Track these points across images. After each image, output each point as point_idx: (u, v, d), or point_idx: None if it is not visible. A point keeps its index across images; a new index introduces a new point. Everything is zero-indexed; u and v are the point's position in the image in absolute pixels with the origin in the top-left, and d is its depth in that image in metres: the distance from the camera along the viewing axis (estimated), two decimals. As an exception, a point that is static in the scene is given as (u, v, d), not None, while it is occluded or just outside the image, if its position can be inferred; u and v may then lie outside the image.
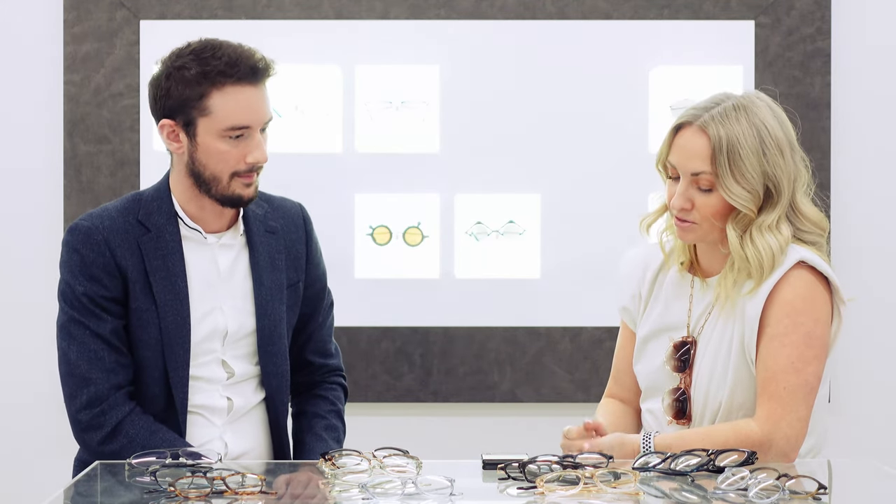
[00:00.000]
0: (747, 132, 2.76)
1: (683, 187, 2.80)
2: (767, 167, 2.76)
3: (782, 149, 2.78)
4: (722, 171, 2.75)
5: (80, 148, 4.19)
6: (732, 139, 2.75)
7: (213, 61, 2.87)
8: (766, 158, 2.76)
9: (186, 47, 2.91)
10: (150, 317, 2.93)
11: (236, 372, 3.00)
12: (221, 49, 2.89)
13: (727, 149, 2.75)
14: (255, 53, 2.91)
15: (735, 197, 2.76)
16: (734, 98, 2.81)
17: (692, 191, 2.80)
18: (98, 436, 2.90)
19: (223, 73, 2.87)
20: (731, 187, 2.76)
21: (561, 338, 4.24)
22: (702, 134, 2.78)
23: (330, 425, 3.09)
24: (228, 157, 2.90)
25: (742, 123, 2.76)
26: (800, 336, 2.76)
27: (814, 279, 2.79)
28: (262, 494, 2.41)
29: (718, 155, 2.75)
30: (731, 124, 2.76)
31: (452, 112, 4.23)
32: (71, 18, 4.18)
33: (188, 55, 2.89)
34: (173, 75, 2.89)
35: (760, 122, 2.77)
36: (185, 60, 2.88)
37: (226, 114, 2.88)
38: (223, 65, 2.87)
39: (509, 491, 2.44)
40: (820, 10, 4.20)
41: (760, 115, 2.78)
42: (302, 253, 3.08)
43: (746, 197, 2.76)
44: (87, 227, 2.93)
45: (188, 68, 2.88)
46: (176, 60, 2.90)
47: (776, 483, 2.37)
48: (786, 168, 2.78)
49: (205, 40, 2.92)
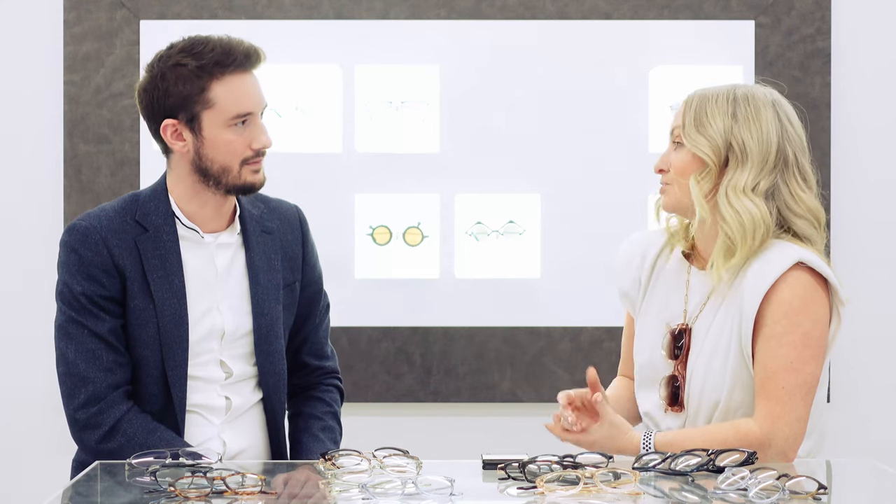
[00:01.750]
0: (722, 94, 2.85)
1: (665, 150, 2.91)
2: (735, 126, 2.83)
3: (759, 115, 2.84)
4: (686, 122, 2.86)
5: (80, 148, 4.19)
6: (705, 96, 2.86)
7: (207, 54, 2.89)
8: (734, 119, 2.83)
9: (172, 48, 2.93)
10: (148, 316, 2.93)
11: (234, 372, 3.00)
12: (211, 41, 2.91)
13: (696, 103, 2.86)
14: (244, 42, 2.94)
15: (695, 144, 2.84)
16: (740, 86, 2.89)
17: (671, 153, 2.89)
18: (96, 435, 2.90)
19: (220, 63, 2.89)
20: (690, 135, 2.84)
21: (561, 338, 4.24)
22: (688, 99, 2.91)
23: (327, 426, 3.10)
24: (236, 146, 2.91)
25: (722, 90, 2.86)
26: (798, 336, 2.77)
27: (812, 280, 2.80)
28: (261, 494, 2.41)
29: (687, 109, 2.86)
30: (712, 90, 2.87)
31: (452, 112, 4.23)
32: (71, 18, 4.18)
33: (179, 53, 2.90)
34: (169, 74, 2.89)
35: (744, 90, 2.86)
36: (179, 58, 2.89)
37: (229, 102, 2.90)
38: (218, 55, 2.89)
39: (509, 491, 2.45)
40: (820, 10, 4.20)
41: (752, 90, 2.86)
42: (298, 254, 3.09)
43: (705, 144, 2.83)
44: (85, 226, 2.94)
45: (184, 64, 2.88)
46: (168, 60, 2.90)
47: (776, 483, 2.37)
48: (758, 134, 2.82)
49: (191, 37, 2.94)
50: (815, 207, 2.86)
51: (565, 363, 4.24)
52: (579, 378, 4.24)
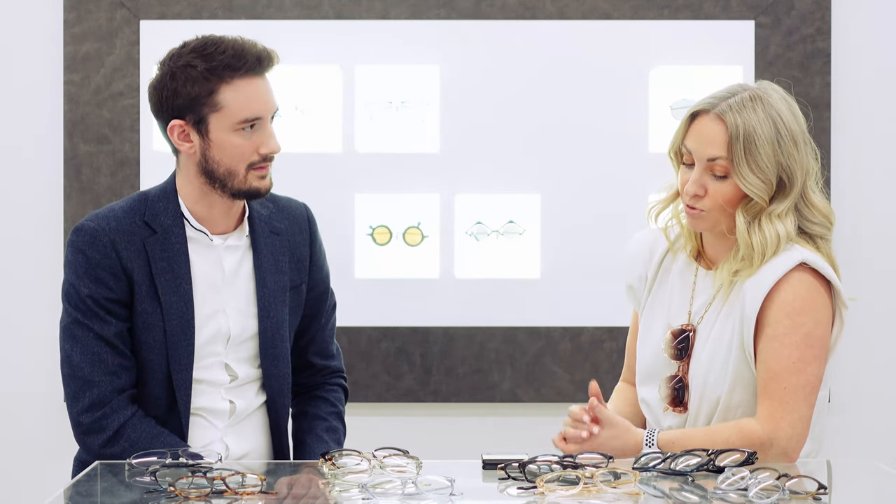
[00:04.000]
0: (764, 122, 2.79)
1: (698, 174, 2.82)
2: (782, 158, 2.79)
3: (796, 140, 2.81)
4: (737, 159, 2.78)
5: (80, 148, 4.19)
6: (749, 128, 2.78)
7: (218, 56, 2.85)
8: (780, 149, 2.79)
9: (185, 46, 2.89)
10: (154, 319, 2.91)
11: (239, 375, 2.99)
12: (224, 43, 2.87)
13: (744, 137, 2.78)
14: (257, 44, 2.89)
15: (749, 185, 2.78)
16: (750, 89, 2.84)
17: (706, 178, 2.82)
18: (100, 439, 2.89)
19: (230, 66, 2.85)
20: (745, 175, 2.78)
21: (561, 338, 4.24)
22: (719, 121, 2.80)
23: (331, 427, 3.09)
24: (243, 151, 2.88)
25: (759, 113, 2.79)
26: (800, 337, 2.76)
27: (815, 281, 2.80)
28: (262, 494, 2.41)
29: (735, 142, 2.78)
30: (748, 113, 2.79)
31: (452, 112, 4.23)
32: (71, 18, 4.18)
33: (190, 53, 2.86)
34: (178, 74, 2.86)
35: (776, 113, 2.80)
36: (190, 58, 2.86)
37: (237, 107, 2.86)
38: (229, 58, 2.85)
39: (509, 491, 2.44)
40: (820, 10, 4.20)
41: (776, 106, 2.81)
42: (306, 255, 3.07)
43: (760, 186, 2.79)
44: (93, 228, 2.90)
45: (194, 66, 2.85)
46: (178, 60, 2.87)
47: (776, 483, 2.37)
48: (799, 159, 2.81)
49: (204, 37, 2.89)
50: (827, 210, 2.85)
51: (565, 363, 4.23)
52: (579, 378, 4.24)
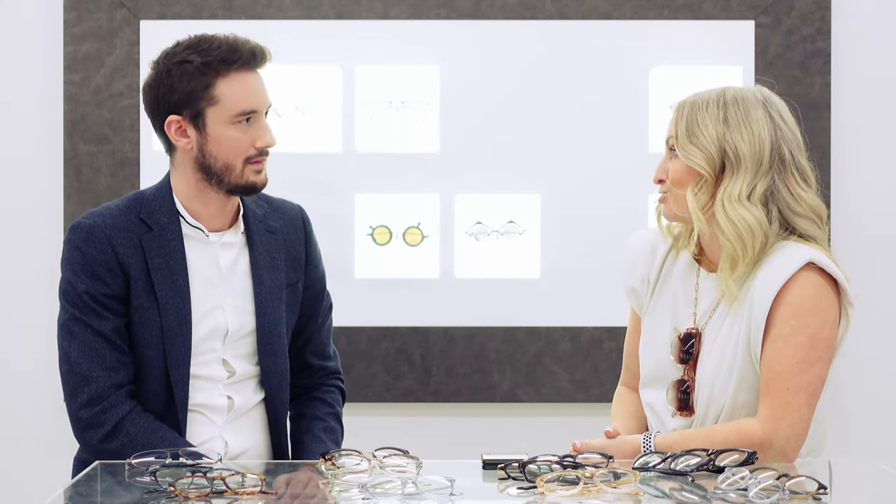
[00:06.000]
0: (712, 100, 2.83)
1: (662, 160, 2.89)
2: (727, 132, 2.81)
3: (750, 121, 2.81)
4: (679, 131, 2.83)
5: (80, 148, 4.19)
6: (696, 104, 2.83)
7: (213, 51, 2.90)
8: (726, 125, 2.81)
9: (178, 45, 2.94)
10: (151, 315, 2.93)
11: (237, 371, 3.01)
12: (217, 39, 2.92)
13: (687, 111, 2.84)
14: (249, 41, 2.95)
15: (689, 156, 2.81)
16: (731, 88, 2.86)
17: (668, 163, 2.87)
18: (98, 434, 2.90)
19: (225, 60, 2.90)
20: (685, 147, 2.82)
21: (561, 338, 4.24)
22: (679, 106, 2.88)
23: (328, 427, 3.10)
24: (240, 144, 2.92)
25: (711, 95, 2.84)
26: (805, 337, 2.75)
27: (822, 281, 2.78)
28: (262, 494, 2.41)
29: (679, 118, 2.84)
30: (701, 94, 2.85)
31: (452, 112, 4.23)
32: (71, 18, 4.18)
33: (185, 50, 2.91)
34: (174, 71, 2.91)
35: (734, 93, 2.83)
36: (185, 54, 2.91)
37: (234, 100, 2.91)
38: (224, 52, 2.90)
39: (509, 491, 2.44)
40: (820, 10, 4.20)
41: (739, 90, 2.84)
42: (301, 254, 3.09)
43: (699, 155, 2.81)
44: (90, 224, 2.94)
45: (190, 61, 2.90)
46: (173, 57, 2.92)
47: (776, 483, 2.37)
48: (752, 140, 2.80)
49: (197, 35, 2.95)
50: (816, 205, 2.84)
51: (565, 363, 4.23)
52: (579, 378, 4.24)
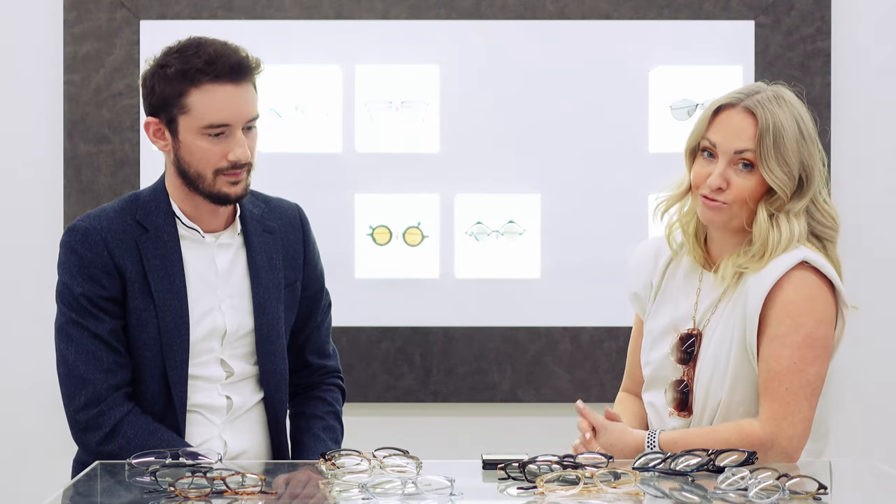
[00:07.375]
0: (789, 118, 2.82)
1: (722, 167, 2.83)
2: (804, 155, 2.82)
3: (814, 140, 2.85)
4: (766, 152, 2.80)
5: (80, 148, 4.19)
6: (778, 122, 2.81)
7: (193, 59, 2.87)
8: (804, 146, 2.82)
9: (175, 45, 2.93)
10: (148, 316, 2.93)
11: (235, 371, 3.00)
12: (203, 47, 2.88)
13: (773, 130, 2.80)
14: (239, 51, 2.90)
15: (775, 179, 2.80)
16: (770, 88, 2.87)
17: (729, 171, 2.83)
18: (96, 436, 2.90)
19: (201, 70, 2.86)
20: (773, 169, 2.80)
21: (561, 338, 4.24)
22: (748, 114, 2.82)
23: (328, 426, 3.09)
24: (210, 155, 2.89)
25: (784, 110, 2.82)
26: (801, 337, 2.76)
27: (817, 280, 2.79)
28: (261, 494, 2.41)
29: (765, 135, 2.80)
30: (775, 108, 2.82)
31: (452, 112, 4.23)
32: (71, 18, 4.18)
33: (173, 53, 2.90)
34: (157, 73, 2.90)
35: (798, 113, 2.84)
36: (170, 59, 2.89)
37: (203, 112, 2.87)
38: (202, 63, 2.86)
39: (509, 491, 2.44)
40: (820, 10, 4.20)
41: (796, 106, 2.85)
42: (299, 253, 3.08)
43: (784, 181, 2.81)
44: (85, 227, 2.93)
45: (170, 66, 2.88)
46: (162, 59, 2.91)
47: (776, 483, 2.37)
48: (815, 159, 2.84)
49: (191, 38, 2.92)
50: (834, 213, 2.88)
51: (565, 363, 4.23)
52: (579, 378, 4.24)
